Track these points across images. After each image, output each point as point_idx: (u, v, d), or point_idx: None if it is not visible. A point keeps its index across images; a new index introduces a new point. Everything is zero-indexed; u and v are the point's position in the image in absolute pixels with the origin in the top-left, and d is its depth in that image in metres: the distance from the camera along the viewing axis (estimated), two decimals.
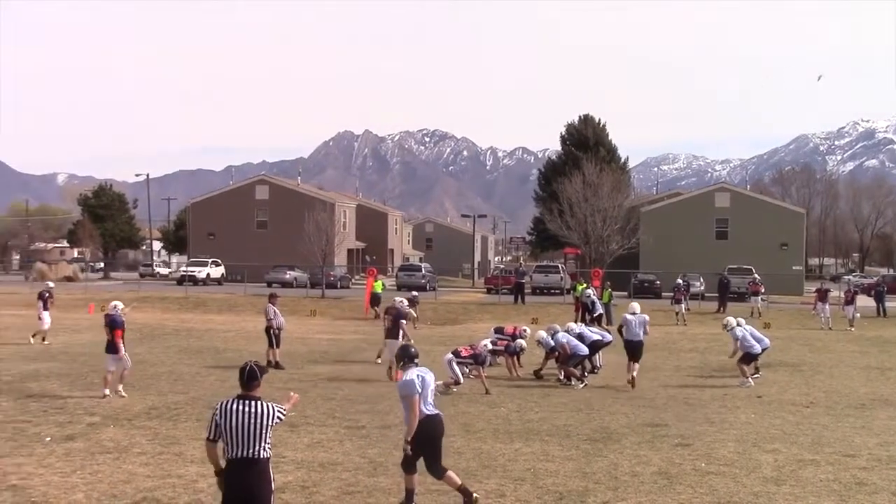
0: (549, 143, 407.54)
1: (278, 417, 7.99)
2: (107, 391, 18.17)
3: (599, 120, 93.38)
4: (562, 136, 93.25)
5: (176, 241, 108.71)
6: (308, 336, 32.88)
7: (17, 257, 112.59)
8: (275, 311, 24.34)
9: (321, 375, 22.11)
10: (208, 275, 70.02)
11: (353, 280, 70.23)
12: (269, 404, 7.99)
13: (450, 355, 20.37)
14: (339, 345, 29.61)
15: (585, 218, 60.65)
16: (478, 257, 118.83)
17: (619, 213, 61.58)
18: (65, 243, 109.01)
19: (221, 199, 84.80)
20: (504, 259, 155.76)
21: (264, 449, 7.78)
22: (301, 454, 13.14)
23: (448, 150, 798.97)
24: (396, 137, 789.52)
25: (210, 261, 72.76)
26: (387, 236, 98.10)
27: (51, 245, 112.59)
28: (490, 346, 21.91)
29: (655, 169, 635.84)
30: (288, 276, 65.92)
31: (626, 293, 52.97)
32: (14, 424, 15.03)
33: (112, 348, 19.00)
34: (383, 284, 44.55)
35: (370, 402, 17.97)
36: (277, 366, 23.05)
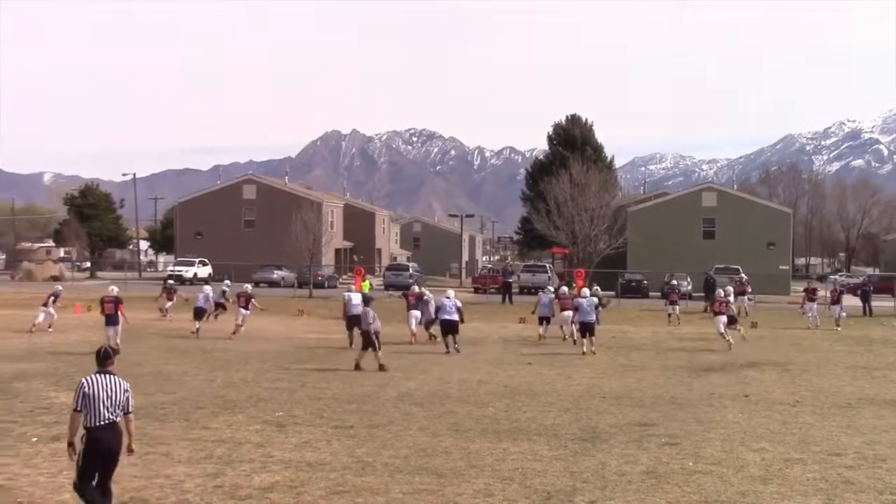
0: (536, 142, 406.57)
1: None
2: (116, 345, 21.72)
3: (586, 119, 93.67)
4: (549, 136, 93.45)
5: (163, 241, 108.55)
6: (296, 335, 32.83)
7: (3, 257, 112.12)
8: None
9: (309, 375, 22.06)
10: (195, 274, 69.92)
11: (340, 279, 70.22)
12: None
13: None
14: (326, 344, 29.56)
15: (573, 217, 60.79)
16: (465, 257, 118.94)
17: (606, 212, 61.74)
18: (51, 243, 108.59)
19: (209, 198, 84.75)
20: (492, 259, 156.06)
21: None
22: (289, 454, 13.12)
23: (436, 149, 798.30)
24: (384, 137, 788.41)
25: (197, 260, 72.66)
26: (374, 236, 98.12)
27: (37, 245, 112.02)
28: None
29: (643, 168, 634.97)
30: (276, 276, 65.93)
31: (613, 293, 53.02)
32: (0, 425, 14.98)
33: (114, 320, 26.68)
34: (371, 284, 44.50)
35: (358, 401, 17.95)
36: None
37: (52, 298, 33.29)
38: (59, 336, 30.98)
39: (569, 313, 31.74)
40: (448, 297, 29.16)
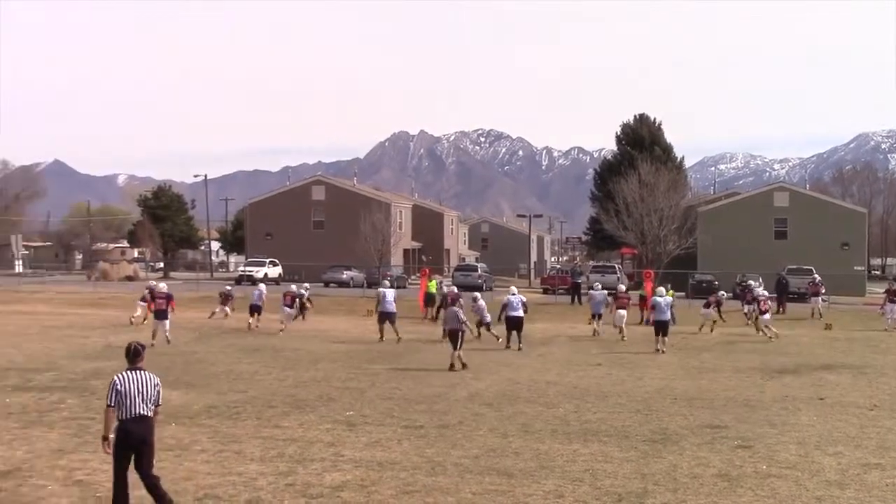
0: (604, 142, 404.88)
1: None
2: (154, 341, 26.11)
3: (655, 119, 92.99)
4: (617, 136, 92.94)
5: (234, 242, 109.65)
6: (365, 336, 32.98)
7: (80, 257, 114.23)
8: None
9: (379, 375, 22.16)
10: (266, 275, 70.55)
11: (409, 280, 70.40)
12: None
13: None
14: (395, 344, 29.66)
15: (642, 218, 60.40)
16: (534, 257, 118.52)
17: (675, 212, 61.22)
18: (125, 243, 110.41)
19: (278, 199, 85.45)
20: (560, 259, 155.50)
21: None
22: (359, 453, 13.19)
23: (503, 150, 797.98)
24: (452, 137, 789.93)
25: (268, 261, 73.30)
26: (443, 236, 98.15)
27: (112, 245, 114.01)
28: None
29: (712, 168, 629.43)
30: (345, 276, 66.21)
31: (683, 293, 52.47)
32: (79, 421, 15.27)
33: (164, 315, 28.02)
34: (438, 284, 44.50)
35: (428, 401, 17.98)
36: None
37: (148, 293, 34.43)
38: (134, 336, 31.47)
39: (623, 312, 32.84)
40: (513, 294, 30.13)
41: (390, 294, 31.95)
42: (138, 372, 10.18)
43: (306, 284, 42.08)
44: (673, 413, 17.11)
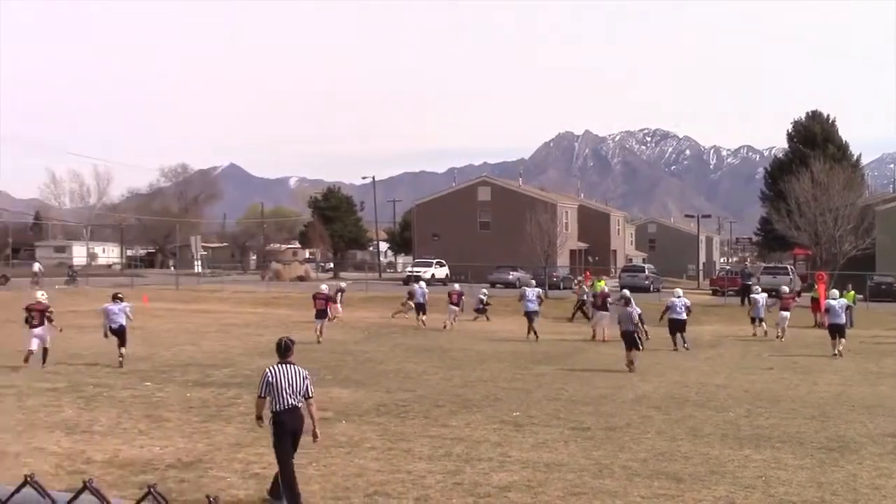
0: (775, 140, 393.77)
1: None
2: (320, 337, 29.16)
3: (828, 116, 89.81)
4: (788, 134, 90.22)
5: (401, 242, 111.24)
6: (531, 337, 32.98)
7: (254, 257, 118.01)
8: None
9: (545, 376, 22.13)
10: (433, 275, 71.28)
11: (575, 281, 70.00)
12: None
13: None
14: (561, 346, 29.57)
15: (815, 218, 58.37)
16: (702, 258, 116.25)
17: (851, 212, 58.91)
18: (297, 244, 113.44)
19: (445, 200, 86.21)
20: (730, 260, 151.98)
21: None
22: (526, 454, 13.19)
23: (670, 149, 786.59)
24: (617, 137, 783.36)
25: (434, 261, 74.03)
26: (609, 237, 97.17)
27: (284, 246, 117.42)
28: None
29: (892, 166, 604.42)
30: (511, 277, 66.26)
31: (861, 296, 50.56)
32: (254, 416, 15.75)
33: (323, 314, 30.52)
34: (604, 285, 44.20)
35: (594, 403, 17.86)
36: None
37: (338, 294, 36.56)
38: (305, 334, 32.34)
39: (786, 313, 32.89)
40: (678, 297, 30.42)
41: (532, 293, 33.78)
42: (288, 366, 10.73)
43: (485, 290, 43.09)
44: (851, 420, 16.47)
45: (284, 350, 10.95)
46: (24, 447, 13.08)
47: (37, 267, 66.80)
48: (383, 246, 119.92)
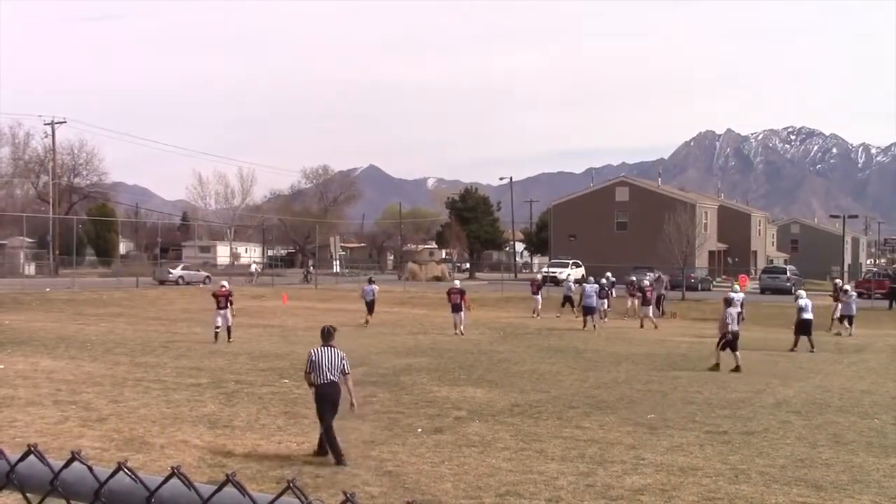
0: None
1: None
2: (456, 331, 31.87)
3: None
4: None
5: (538, 243, 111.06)
6: (667, 338, 32.58)
7: (391, 258, 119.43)
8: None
9: (680, 378, 21.82)
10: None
11: (714, 282, 68.78)
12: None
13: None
14: (698, 348, 29.06)
15: None
16: (848, 260, 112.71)
17: None
18: (433, 244, 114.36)
19: (582, 200, 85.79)
20: (877, 262, 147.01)
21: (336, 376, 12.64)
22: (660, 457, 13.03)
23: (815, 147, 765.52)
24: (760, 136, 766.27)
25: (571, 262, 73.68)
26: (750, 238, 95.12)
27: (421, 246, 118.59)
28: None
29: None
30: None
31: None
32: (389, 415, 15.98)
33: (458, 308, 32.44)
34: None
35: (732, 407, 17.52)
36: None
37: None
38: (442, 334, 32.62)
39: None
40: (802, 298, 30.67)
41: (591, 289, 36.81)
42: (329, 348, 12.75)
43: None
44: None
45: (327, 335, 12.94)
46: (169, 440, 13.57)
47: (253, 267, 78.07)
48: (519, 246, 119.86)
